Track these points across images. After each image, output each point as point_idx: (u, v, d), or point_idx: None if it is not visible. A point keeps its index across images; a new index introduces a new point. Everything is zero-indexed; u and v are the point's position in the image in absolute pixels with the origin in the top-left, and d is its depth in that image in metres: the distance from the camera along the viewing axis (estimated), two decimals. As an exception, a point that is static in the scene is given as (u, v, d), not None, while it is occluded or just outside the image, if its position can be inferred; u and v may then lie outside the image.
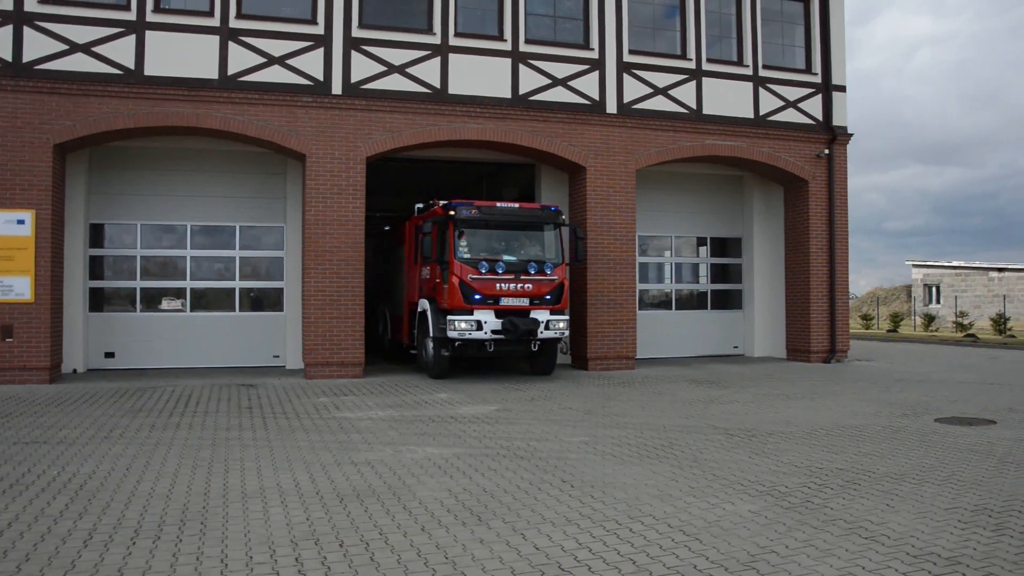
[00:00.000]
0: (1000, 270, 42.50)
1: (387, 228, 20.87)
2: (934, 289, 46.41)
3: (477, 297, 14.21)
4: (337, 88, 15.53)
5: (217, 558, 5.09)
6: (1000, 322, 34.95)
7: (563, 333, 14.89)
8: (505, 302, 14.42)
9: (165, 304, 16.77)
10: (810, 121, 19.19)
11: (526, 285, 14.56)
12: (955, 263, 45.69)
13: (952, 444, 9.09)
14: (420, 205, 16.59)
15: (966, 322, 37.30)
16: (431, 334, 14.69)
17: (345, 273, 15.44)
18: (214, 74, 14.87)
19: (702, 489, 6.94)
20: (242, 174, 17.00)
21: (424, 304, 15.28)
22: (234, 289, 17.03)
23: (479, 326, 14.19)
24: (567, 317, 15.10)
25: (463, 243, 14.50)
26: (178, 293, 16.80)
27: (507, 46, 16.56)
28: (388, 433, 9.58)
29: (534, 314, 14.57)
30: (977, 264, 44.44)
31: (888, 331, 38.98)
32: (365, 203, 15.75)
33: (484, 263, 14.36)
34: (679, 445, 8.94)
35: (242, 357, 16.90)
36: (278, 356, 17.11)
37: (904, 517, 6.11)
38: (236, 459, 8.06)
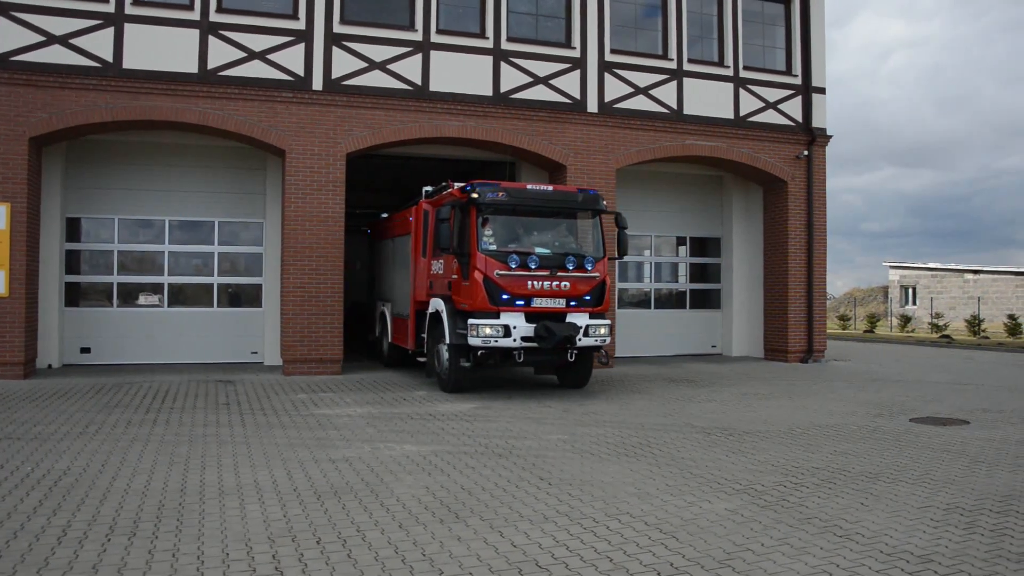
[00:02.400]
0: (975, 272, 42.95)
1: (384, 216, 18.17)
2: (910, 290, 46.82)
3: (505, 297, 11.95)
4: (318, 84, 15.46)
5: (193, 555, 5.07)
6: (975, 323, 35.33)
7: (604, 340, 12.57)
8: (537, 303, 12.16)
9: (142, 299, 16.64)
10: (789, 122, 19.31)
11: (563, 283, 12.27)
12: (931, 265, 46.12)
13: (926, 444, 9.19)
14: (429, 188, 14.72)
15: (941, 323, 37.67)
16: (447, 340, 12.52)
17: (324, 269, 15.38)
18: (194, 68, 14.76)
19: (679, 487, 6.98)
20: (221, 169, 16.89)
21: (437, 304, 13.08)
22: (212, 285, 16.93)
23: (507, 332, 11.89)
24: (609, 322, 12.77)
25: (488, 232, 12.28)
26: (155, 288, 16.67)
27: (489, 44, 16.55)
28: (366, 430, 9.57)
29: (571, 317, 12.32)
30: (952, 266, 44.88)
31: (865, 332, 39.33)
32: (345, 199, 15.70)
33: (514, 256, 12.07)
34: (657, 443, 8.98)
35: (220, 353, 16.81)
36: (256, 352, 17.02)
37: (878, 516, 6.17)
38: (213, 455, 8.02)
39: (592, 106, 17.38)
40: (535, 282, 12.10)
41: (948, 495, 6.83)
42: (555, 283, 12.23)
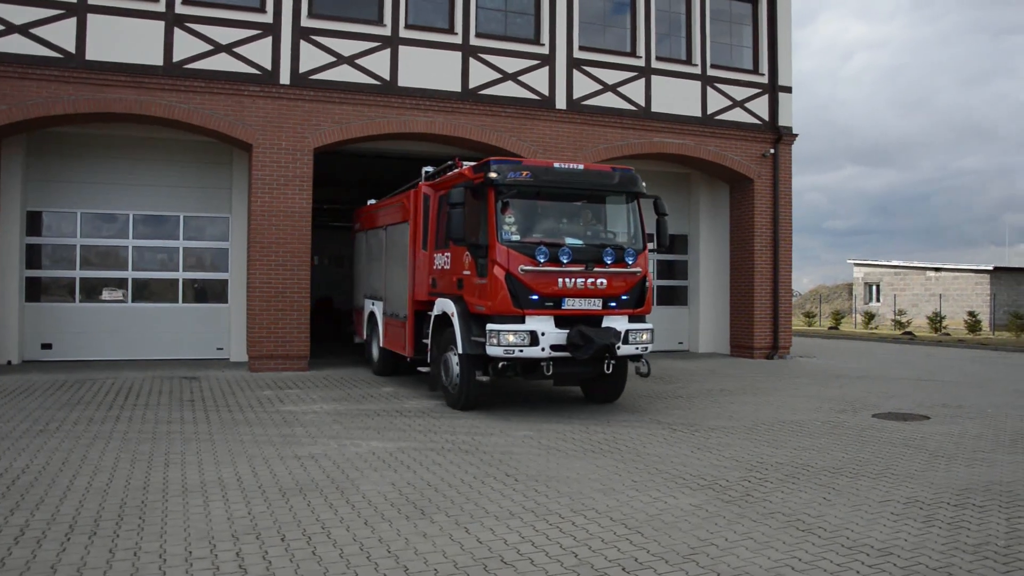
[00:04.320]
0: (936, 270, 43.64)
1: (372, 202, 16.23)
2: (874, 287, 47.46)
3: (533, 298, 10.08)
4: (285, 78, 15.34)
5: (155, 553, 5.02)
6: (936, 320, 35.89)
7: (646, 348, 10.76)
8: (569, 305, 10.27)
9: (106, 294, 16.42)
10: (756, 121, 19.48)
11: (599, 281, 10.40)
12: (894, 262, 46.77)
13: (888, 439, 9.32)
14: (429, 169, 13.12)
15: (904, 320, 38.22)
16: (459, 349, 10.56)
17: (291, 265, 15.27)
18: (159, 60, 14.57)
19: (645, 483, 7.02)
20: (187, 163, 16.70)
21: (445, 306, 11.15)
22: (177, 280, 16.74)
23: (533, 339, 10.02)
24: (651, 326, 10.96)
25: (509, 219, 10.36)
26: (119, 283, 16.45)
27: (458, 39, 16.51)
28: (332, 427, 9.52)
29: (608, 321, 10.52)
30: (915, 264, 45.55)
31: (830, 328, 39.81)
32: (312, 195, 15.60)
33: (543, 249, 10.15)
34: (622, 439, 9.03)
35: (185, 349, 16.63)
36: (222, 348, 16.86)
37: (840, 510, 6.26)
38: (177, 453, 7.94)
39: (561, 103, 17.41)
40: (567, 279, 10.23)
41: (908, 489, 6.94)
42: (590, 280, 10.36)
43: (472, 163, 11.36)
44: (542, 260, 10.11)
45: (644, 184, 11.33)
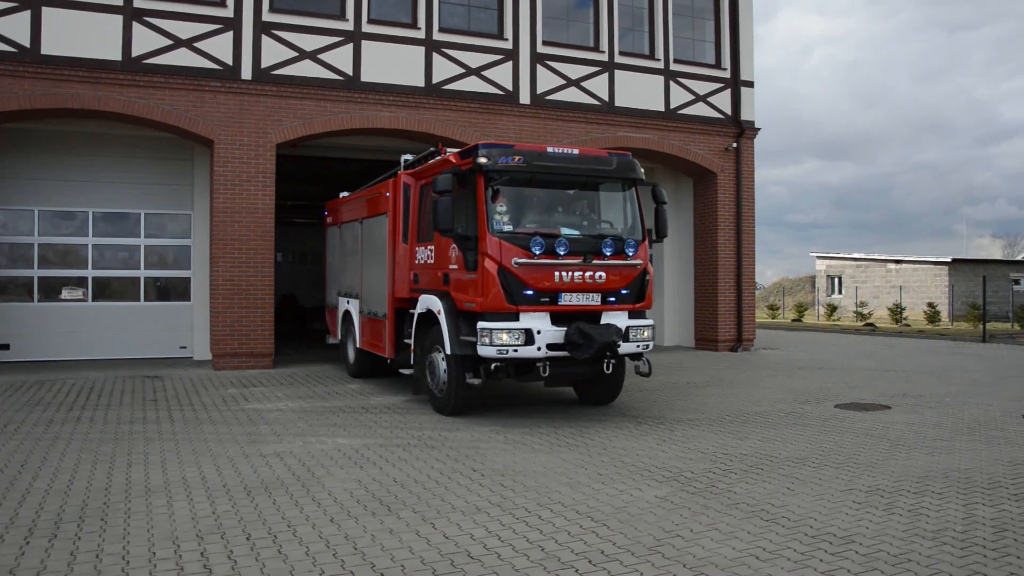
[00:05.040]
0: (897, 262, 44.29)
1: (345, 195, 15.44)
2: (837, 280, 48.07)
3: (527, 293, 9.40)
4: (247, 73, 15.18)
5: (118, 555, 4.96)
6: (897, 312, 36.45)
7: (648, 346, 10.18)
8: (567, 300, 9.63)
9: (65, 294, 16.15)
10: (719, 115, 19.63)
11: (598, 274, 9.76)
12: (856, 255, 47.40)
13: (850, 429, 9.46)
14: (408, 157, 12.39)
15: (866, 312, 38.80)
16: (446, 349, 9.83)
17: (255, 262, 15.13)
18: (117, 55, 14.34)
19: (610, 476, 7.06)
20: (147, 160, 16.48)
21: (430, 303, 10.37)
22: (139, 278, 16.51)
23: (529, 338, 9.32)
24: (652, 322, 10.37)
25: (501, 208, 9.71)
26: (79, 282, 16.20)
27: (421, 34, 16.44)
28: (298, 424, 9.46)
29: (608, 317, 9.86)
30: (876, 256, 46.19)
31: (793, 320, 40.28)
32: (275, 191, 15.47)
33: (539, 240, 9.45)
34: (588, 433, 9.08)
35: (147, 348, 16.41)
36: (185, 347, 16.67)
37: (803, 499, 6.34)
38: (140, 453, 7.85)
39: (524, 98, 17.41)
40: (564, 272, 9.55)
41: (870, 478, 7.05)
42: (589, 274, 9.70)
43: (456, 149, 10.74)
44: (537, 252, 9.38)
45: (642, 170, 10.72)
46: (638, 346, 9.99)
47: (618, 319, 9.88)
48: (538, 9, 17.56)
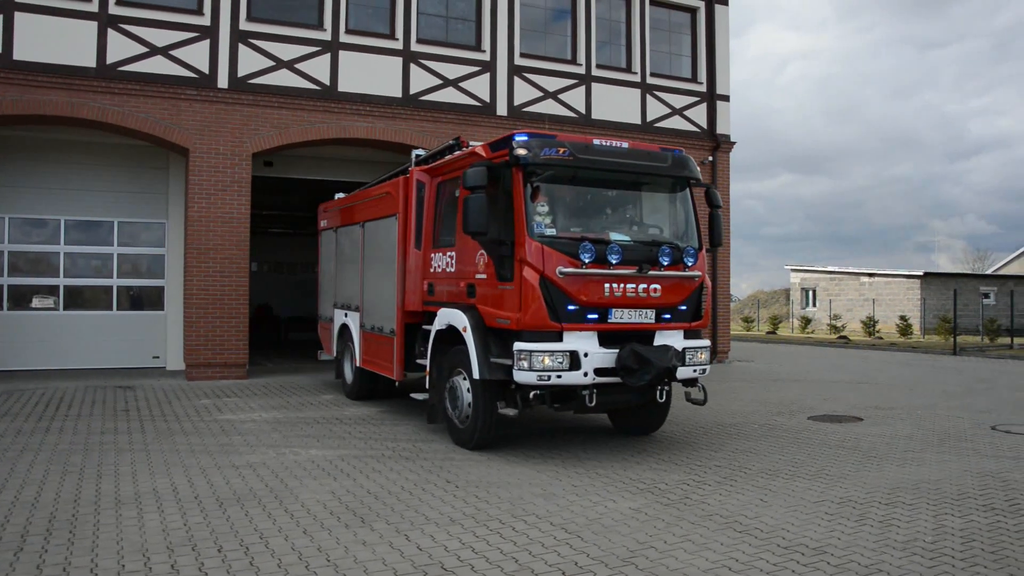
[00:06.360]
0: (870, 275, 44.73)
1: (341, 195, 14.17)
2: (811, 293, 48.45)
3: (573, 308, 8.04)
4: (223, 82, 15.11)
5: (86, 568, 4.90)
6: (870, 324, 36.82)
7: (704, 370, 8.94)
8: (617, 317, 8.29)
9: (36, 302, 15.95)
10: (695, 128, 19.77)
11: (653, 287, 8.46)
12: (830, 268, 47.81)
13: (823, 440, 9.53)
14: (420, 152, 11.16)
15: (839, 324, 39.15)
16: (474, 373, 8.41)
17: (229, 271, 15.04)
18: (92, 62, 14.22)
19: (585, 488, 7.07)
20: (121, 168, 16.34)
21: (451, 317, 8.99)
22: (112, 287, 16.35)
23: (574, 362, 7.95)
24: (708, 343, 9.25)
25: (542, 208, 8.28)
26: (51, 291, 16.00)
27: (398, 45, 16.45)
28: (271, 435, 9.39)
29: (661, 337, 8.60)
30: (850, 269, 46.61)
31: (768, 333, 40.56)
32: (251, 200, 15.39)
33: (588, 246, 8.10)
34: (563, 445, 9.08)
35: (120, 358, 16.24)
36: (158, 357, 16.51)
37: (776, 511, 6.38)
38: (110, 464, 7.76)
39: (502, 109, 17.46)
40: (615, 285, 8.23)
41: (842, 489, 7.10)
42: (643, 287, 8.39)
43: (479, 143, 9.35)
44: (587, 260, 8.06)
45: (699, 170, 9.46)
46: (695, 370, 8.76)
47: (673, 339, 8.66)
48: (516, 21, 17.63)
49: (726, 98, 20.14)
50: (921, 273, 41.96)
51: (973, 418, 11.40)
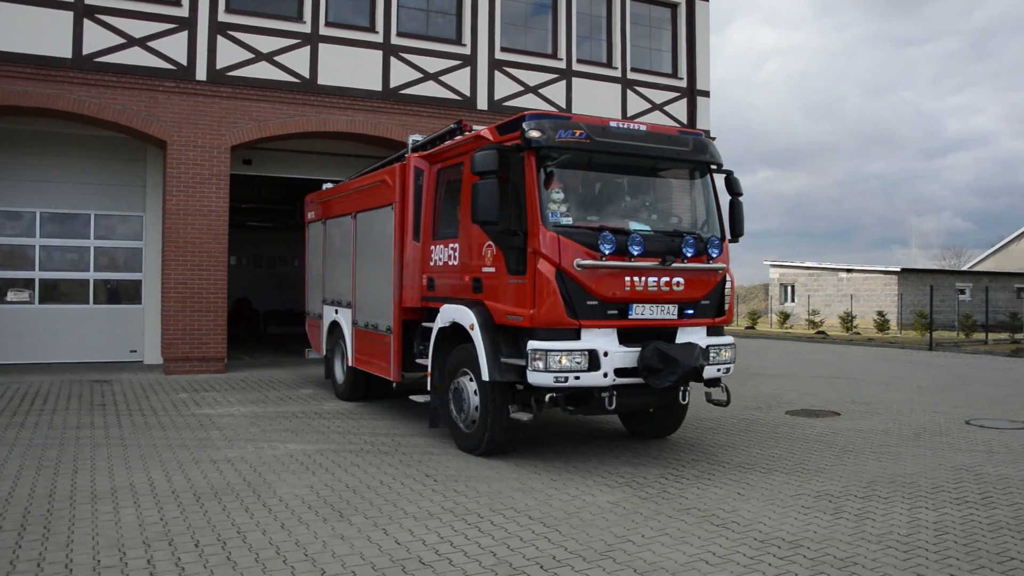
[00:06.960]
0: (848, 271, 45.04)
1: (330, 185, 13.67)
2: (790, 288, 48.75)
3: (591, 304, 7.49)
4: (201, 74, 14.99)
5: (61, 563, 4.86)
6: (847, 320, 37.06)
7: (728, 369, 8.45)
8: (638, 312, 7.74)
9: (11, 296, 15.79)
10: (675, 124, 19.82)
11: (676, 280, 7.90)
12: (808, 264, 48.12)
13: (800, 435, 9.61)
14: (418, 137, 10.58)
15: (818, 320, 39.35)
16: (482, 374, 7.84)
17: (207, 265, 14.94)
18: (68, 53, 14.07)
19: (563, 482, 7.09)
20: (98, 160, 16.18)
21: (456, 314, 8.42)
22: (88, 280, 16.21)
23: (593, 361, 7.39)
24: (733, 340, 8.67)
25: (557, 195, 7.70)
26: (26, 284, 15.85)
27: (379, 38, 16.39)
28: (249, 430, 9.36)
29: (684, 334, 8.09)
30: (828, 265, 46.93)
31: (747, 328, 40.76)
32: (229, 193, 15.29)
33: (608, 236, 7.49)
34: (541, 439, 9.10)
35: (96, 352, 16.11)
36: (135, 351, 16.39)
37: (753, 504, 6.42)
38: (86, 459, 7.70)
39: (482, 103, 17.43)
40: (637, 278, 7.67)
41: (819, 483, 7.16)
42: (665, 280, 7.83)
43: (483, 126, 8.82)
44: (607, 251, 7.45)
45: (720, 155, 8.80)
46: (718, 369, 8.22)
47: (696, 336, 8.14)
48: (497, 15, 17.60)
49: (706, 94, 20.21)
50: (898, 269, 42.30)
51: (948, 413, 11.52)
